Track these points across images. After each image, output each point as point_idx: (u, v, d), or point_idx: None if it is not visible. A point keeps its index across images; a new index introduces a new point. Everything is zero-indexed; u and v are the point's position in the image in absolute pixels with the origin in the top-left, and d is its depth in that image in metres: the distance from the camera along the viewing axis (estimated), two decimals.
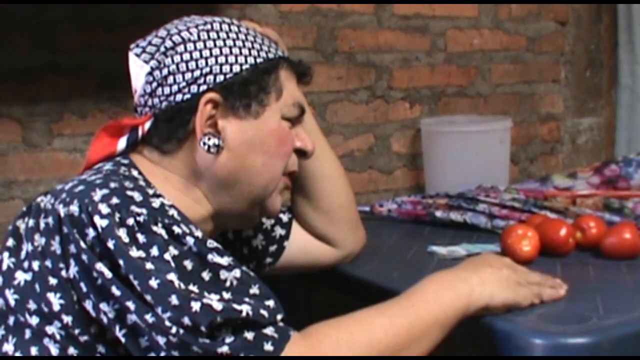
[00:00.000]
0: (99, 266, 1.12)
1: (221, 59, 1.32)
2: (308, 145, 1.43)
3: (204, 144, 1.31)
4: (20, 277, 1.19)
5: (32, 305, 1.17)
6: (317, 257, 1.68)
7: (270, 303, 1.17)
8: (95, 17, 2.05)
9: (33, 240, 1.19)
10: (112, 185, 1.19)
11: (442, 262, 1.80)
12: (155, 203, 1.18)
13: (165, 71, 1.33)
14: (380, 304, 1.29)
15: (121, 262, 1.11)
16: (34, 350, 1.17)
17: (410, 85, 2.57)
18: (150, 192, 1.23)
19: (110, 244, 1.12)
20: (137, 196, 1.18)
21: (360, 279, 1.74)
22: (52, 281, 1.16)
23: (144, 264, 1.11)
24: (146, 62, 1.34)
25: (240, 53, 1.34)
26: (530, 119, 2.84)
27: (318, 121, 1.53)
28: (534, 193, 2.14)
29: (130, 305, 1.10)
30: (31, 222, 1.21)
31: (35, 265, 1.18)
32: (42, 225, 1.19)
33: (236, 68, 1.32)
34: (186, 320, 1.08)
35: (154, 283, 1.10)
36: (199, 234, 1.18)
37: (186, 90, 1.32)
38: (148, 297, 1.09)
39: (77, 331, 1.15)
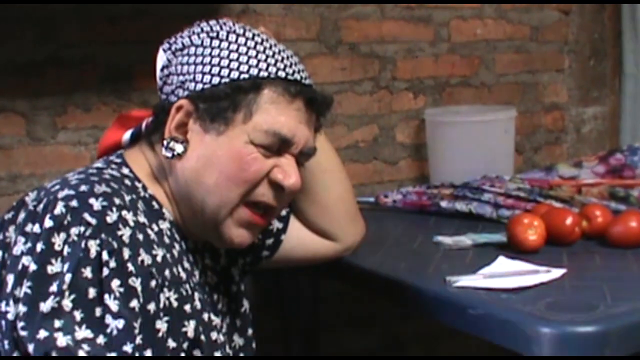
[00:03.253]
0: (25, 259, 1.15)
1: (206, 68, 1.31)
2: (285, 180, 1.33)
3: (166, 147, 1.30)
4: None
5: None
6: (315, 251, 1.65)
7: None
8: (98, 11, 2.05)
9: (7, 231, 1.23)
10: (82, 188, 1.19)
11: (448, 252, 1.80)
12: (111, 217, 1.17)
13: (168, 70, 1.36)
14: None
15: (33, 268, 1.13)
16: None
17: (414, 75, 2.56)
18: (127, 197, 1.23)
19: (39, 247, 1.14)
20: (97, 205, 1.17)
21: (366, 270, 1.74)
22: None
23: (49, 285, 1.11)
24: (165, 56, 1.38)
25: (228, 65, 1.30)
26: (535, 108, 2.83)
27: None
28: (539, 182, 2.13)
29: (21, 307, 1.12)
30: (11, 215, 1.25)
31: (1, 255, 1.22)
32: (19, 219, 1.21)
33: (215, 80, 1.30)
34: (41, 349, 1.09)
35: (44, 307, 1.10)
36: (136, 263, 1.17)
37: (176, 92, 1.33)
38: (35, 316, 1.11)
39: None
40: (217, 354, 1.36)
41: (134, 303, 1.15)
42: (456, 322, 1.50)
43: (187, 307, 1.27)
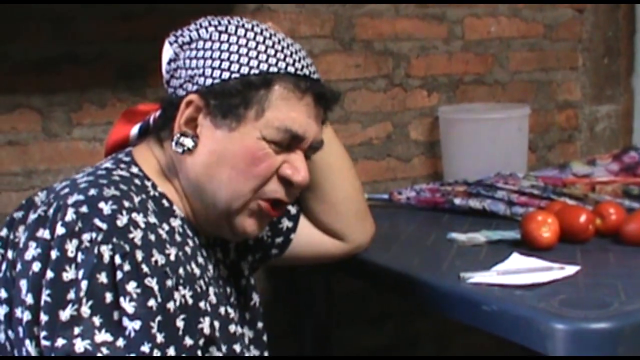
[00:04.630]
0: (35, 265, 1.16)
1: (216, 63, 1.30)
2: (295, 176, 1.35)
3: (176, 142, 1.31)
4: (3, 266, 1.25)
5: (3, 294, 1.22)
6: (324, 251, 1.66)
7: None
8: (113, 8, 2.06)
9: (16, 230, 1.25)
10: (91, 192, 1.19)
11: (461, 249, 1.80)
12: (122, 220, 1.17)
13: (177, 64, 1.35)
14: None
15: (50, 275, 1.14)
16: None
17: (428, 73, 2.56)
18: (137, 199, 1.23)
19: (54, 254, 1.15)
20: (107, 209, 1.17)
21: (379, 266, 1.75)
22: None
23: (67, 292, 1.13)
24: (172, 49, 1.37)
25: (237, 60, 1.30)
26: (548, 106, 2.83)
27: (336, 109, 1.53)
28: (553, 180, 2.13)
29: (43, 316, 1.13)
30: (21, 214, 1.27)
31: (10, 254, 1.24)
32: (29, 220, 1.22)
33: (225, 75, 1.30)
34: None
35: (63, 315, 1.12)
36: (150, 264, 1.17)
37: (184, 86, 1.33)
38: (56, 325, 1.12)
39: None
40: (236, 346, 1.36)
41: (152, 302, 1.15)
42: (470, 318, 1.51)
43: (202, 304, 1.27)
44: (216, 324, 1.30)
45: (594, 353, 1.31)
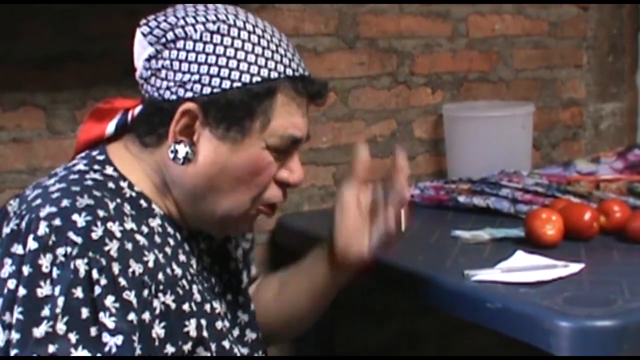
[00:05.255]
0: (10, 282, 1.13)
1: (213, 70, 1.24)
2: (291, 177, 1.34)
3: (173, 151, 1.25)
4: None
5: None
6: None
7: None
8: (117, 5, 2.05)
9: None
10: (64, 203, 1.15)
11: (465, 247, 1.80)
12: (97, 232, 1.14)
13: (160, 63, 1.27)
14: None
15: (23, 292, 1.11)
16: None
17: (432, 71, 2.56)
18: (112, 205, 1.19)
19: (26, 270, 1.11)
20: (81, 221, 1.13)
21: (383, 263, 1.74)
22: None
23: (41, 309, 1.10)
24: (150, 44, 1.29)
25: (237, 67, 1.24)
26: (553, 104, 2.82)
27: (340, 107, 1.52)
28: (557, 178, 2.13)
29: (14, 334, 1.10)
30: None
31: None
32: (3, 234, 1.18)
33: (226, 84, 1.24)
34: None
35: (38, 332, 1.09)
36: (127, 275, 1.14)
37: (173, 90, 1.25)
38: (28, 343, 1.09)
39: None
40: (225, 342, 1.33)
41: (132, 316, 1.14)
42: (474, 315, 1.51)
43: (186, 306, 1.24)
44: (203, 322, 1.27)
45: (598, 351, 1.31)
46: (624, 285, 1.48)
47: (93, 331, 1.10)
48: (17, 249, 1.14)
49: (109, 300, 1.12)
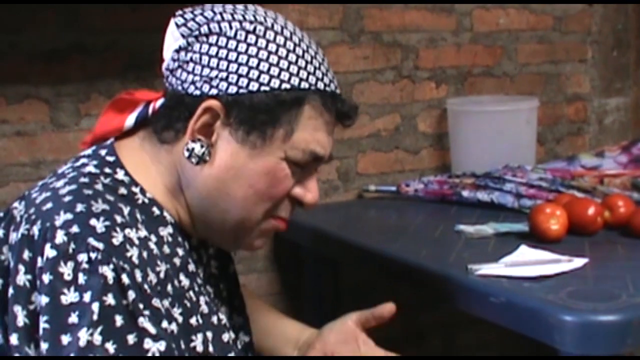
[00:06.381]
0: (28, 290, 1.09)
1: (242, 69, 1.19)
2: (306, 197, 1.28)
3: (188, 149, 1.20)
4: None
5: None
6: None
7: None
8: None
9: (1, 252, 1.16)
10: (79, 208, 1.11)
11: (469, 241, 1.80)
12: (117, 238, 1.09)
13: (189, 56, 1.22)
14: None
15: (46, 300, 1.06)
16: None
17: (436, 65, 2.56)
18: (126, 211, 1.15)
19: (46, 278, 1.06)
20: (100, 227, 1.09)
21: (387, 257, 1.75)
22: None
23: (67, 317, 1.05)
24: (183, 35, 1.24)
25: (267, 71, 1.19)
26: (557, 99, 2.82)
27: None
28: (561, 172, 2.13)
29: (43, 344, 1.06)
30: (1, 233, 1.18)
31: None
32: (12, 239, 1.15)
33: (253, 86, 1.19)
34: None
35: (65, 339, 1.05)
36: (148, 283, 1.10)
37: (198, 85, 1.21)
38: (60, 350, 1.05)
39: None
40: (230, 355, 1.30)
41: (165, 324, 1.11)
42: (478, 310, 1.51)
43: (193, 320, 1.21)
44: (209, 335, 1.24)
45: (602, 345, 1.31)
46: (628, 279, 1.48)
47: (131, 339, 1.06)
48: (31, 256, 1.09)
49: (141, 307, 1.08)
